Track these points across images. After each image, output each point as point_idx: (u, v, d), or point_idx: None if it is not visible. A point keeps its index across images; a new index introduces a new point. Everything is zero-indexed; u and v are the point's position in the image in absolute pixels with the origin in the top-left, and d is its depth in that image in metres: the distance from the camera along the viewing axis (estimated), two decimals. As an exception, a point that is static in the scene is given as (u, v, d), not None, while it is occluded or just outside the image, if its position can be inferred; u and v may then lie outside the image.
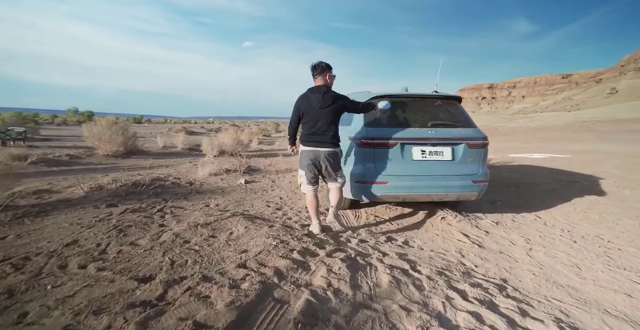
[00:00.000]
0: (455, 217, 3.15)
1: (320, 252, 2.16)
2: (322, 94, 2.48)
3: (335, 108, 2.50)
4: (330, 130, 2.51)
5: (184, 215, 3.13)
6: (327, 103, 2.47)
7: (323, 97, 2.48)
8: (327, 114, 2.48)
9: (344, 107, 2.56)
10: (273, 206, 3.75)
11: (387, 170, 2.84)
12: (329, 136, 2.51)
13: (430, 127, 2.88)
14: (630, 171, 6.61)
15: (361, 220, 3.25)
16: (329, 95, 2.50)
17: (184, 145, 10.80)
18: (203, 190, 4.56)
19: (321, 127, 2.50)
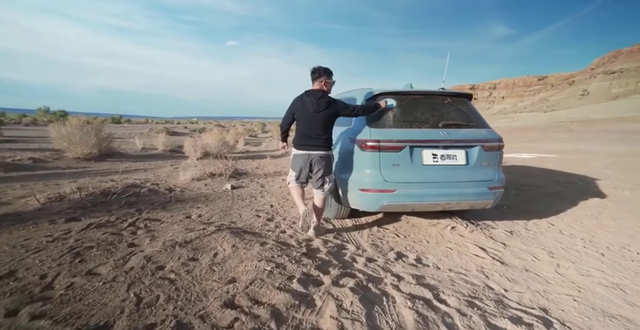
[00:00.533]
0: (466, 226, 2.87)
1: (324, 279, 1.81)
2: (317, 99, 2.50)
3: (328, 113, 2.51)
4: (323, 135, 2.54)
5: (160, 231, 2.69)
6: (321, 108, 2.49)
7: (317, 102, 2.50)
8: (321, 118, 2.51)
9: (337, 113, 2.56)
10: (264, 216, 3.36)
11: (395, 177, 2.52)
12: (322, 140, 2.54)
13: (441, 128, 2.58)
14: (620, 171, 6.63)
15: (363, 232, 2.92)
16: (324, 100, 2.51)
17: (164, 146, 10.16)
18: (184, 198, 4.10)
19: (314, 131, 2.53)
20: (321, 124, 2.51)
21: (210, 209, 3.60)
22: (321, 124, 2.51)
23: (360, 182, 2.63)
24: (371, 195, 2.56)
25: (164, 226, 2.86)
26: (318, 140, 2.53)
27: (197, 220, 3.14)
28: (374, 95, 2.82)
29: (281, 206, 3.86)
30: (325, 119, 2.51)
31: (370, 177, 2.57)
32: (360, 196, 2.63)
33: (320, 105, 2.49)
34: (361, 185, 2.62)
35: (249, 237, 2.53)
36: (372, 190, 2.55)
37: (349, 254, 2.32)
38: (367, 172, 2.59)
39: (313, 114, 2.50)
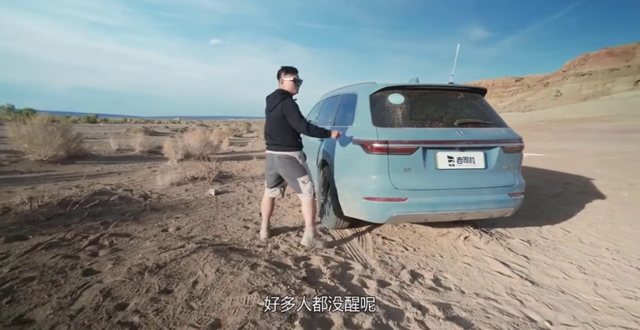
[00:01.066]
0: (480, 236, 2.59)
1: (334, 318, 1.44)
2: (272, 98, 2.46)
3: (276, 113, 2.40)
4: (279, 134, 2.44)
5: (128, 250, 2.24)
6: (270, 107, 2.45)
7: (270, 101, 2.47)
8: (272, 117, 2.44)
9: (282, 114, 2.38)
10: (253, 228, 2.96)
11: (406, 183, 2.19)
12: (279, 139, 2.45)
13: (457, 127, 2.28)
14: (610, 170, 6.64)
15: (367, 245, 2.58)
16: (275, 98, 2.43)
17: (142, 147, 9.47)
18: (161, 207, 3.62)
19: (271, 130, 2.48)
20: (274, 124, 2.44)
21: (190, 220, 3.15)
22: (274, 124, 2.44)
23: (364, 189, 2.29)
24: (378, 204, 2.22)
25: (133, 243, 2.40)
26: (275, 139, 2.47)
27: (175, 234, 2.69)
28: (379, 90, 2.48)
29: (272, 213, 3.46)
30: (276, 118, 2.42)
31: (377, 183, 2.23)
32: (365, 206, 2.29)
33: (271, 104, 2.45)
34: (366, 193, 2.28)
35: (237, 256, 2.13)
36: (380, 198, 2.21)
37: (356, 275, 1.97)
38: (373, 178, 2.25)
39: (268, 113, 2.49)
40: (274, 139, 2.47)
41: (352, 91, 2.93)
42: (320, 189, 3.25)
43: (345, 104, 3.13)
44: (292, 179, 2.46)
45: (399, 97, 2.43)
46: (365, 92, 2.60)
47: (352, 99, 2.84)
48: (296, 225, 3.08)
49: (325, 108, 3.85)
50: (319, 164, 3.23)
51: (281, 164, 2.45)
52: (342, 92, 3.29)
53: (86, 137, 13.34)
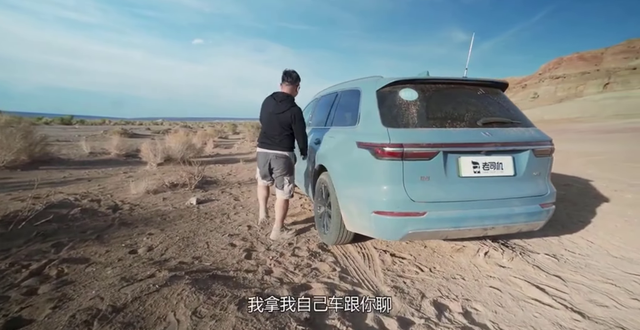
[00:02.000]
0: (501, 251, 2.28)
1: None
2: (279, 101, 2.56)
3: (284, 117, 2.55)
4: (279, 136, 2.59)
5: (79, 284, 1.77)
6: (278, 110, 2.55)
7: (278, 104, 2.56)
8: (278, 120, 2.55)
9: (291, 120, 2.55)
10: (240, 245, 2.53)
11: (424, 195, 1.84)
12: (278, 140, 2.59)
13: (482, 127, 1.95)
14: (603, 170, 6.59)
15: (375, 265, 2.21)
16: (284, 103, 2.55)
17: (119, 150, 8.76)
18: (133, 220, 3.13)
19: (272, 131, 2.60)
20: (277, 125, 2.57)
21: (166, 237, 2.69)
22: (277, 125, 2.57)
23: (374, 201, 1.92)
24: (391, 220, 1.86)
25: (90, 273, 1.93)
26: (274, 140, 2.60)
27: (145, 257, 2.23)
28: (387, 85, 2.13)
29: (261, 227, 3.05)
30: (282, 122, 2.55)
31: (389, 195, 1.87)
32: (374, 221, 1.93)
33: (279, 108, 2.55)
34: (376, 206, 1.91)
35: (220, 288, 1.71)
36: (393, 213, 1.85)
37: (370, 311, 1.59)
38: (384, 189, 1.89)
39: (272, 115, 2.57)
40: (274, 139, 2.60)
41: (354, 87, 2.56)
42: (317, 198, 2.86)
43: (345, 102, 2.76)
44: (280, 175, 2.68)
45: (412, 92, 2.09)
46: (371, 88, 2.24)
47: (354, 96, 2.48)
48: (291, 240, 2.68)
49: (320, 107, 3.47)
50: (315, 169, 2.84)
51: (276, 161, 2.65)
52: (340, 89, 2.93)
53: (56, 140, 12.45)
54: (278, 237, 2.70)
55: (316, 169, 2.85)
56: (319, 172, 2.86)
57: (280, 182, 2.70)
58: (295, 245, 2.58)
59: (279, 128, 2.56)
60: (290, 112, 2.52)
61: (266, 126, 2.62)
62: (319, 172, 2.88)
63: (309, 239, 2.73)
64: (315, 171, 2.89)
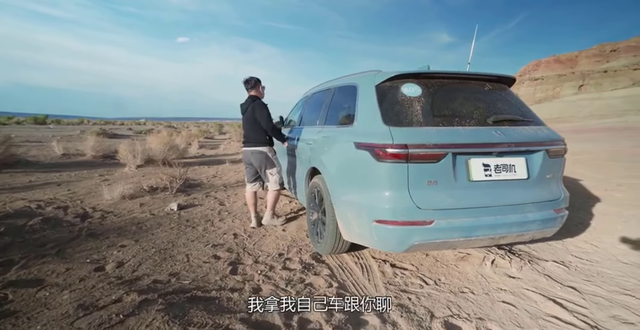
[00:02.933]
0: (508, 259, 2.12)
1: None
2: (245, 104, 2.87)
3: (249, 114, 2.83)
4: (251, 132, 2.86)
5: (23, 315, 1.47)
6: (244, 110, 2.88)
7: (243, 107, 2.88)
8: (246, 120, 2.87)
9: (252, 114, 2.82)
10: (225, 258, 2.27)
11: (431, 201, 1.65)
12: (251, 137, 2.86)
13: (492, 126, 1.78)
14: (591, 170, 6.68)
15: (375, 277, 2.01)
16: (248, 104, 2.85)
17: (95, 152, 8.23)
18: (104, 230, 2.80)
19: (246, 130, 2.90)
20: (248, 125, 2.86)
21: (141, 249, 2.40)
22: (248, 125, 2.86)
23: (375, 209, 1.72)
24: (395, 230, 1.66)
25: (40, 299, 1.63)
26: (249, 138, 2.87)
27: (113, 275, 1.94)
28: (387, 80, 1.93)
29: (250, 235, 2.79)
30: (249, 119, 2.84)
31: (392, 202, 1.67)
32: (376, 231, 1.72)
33: (244, 108, 2.87)
34: (377, 214, 1.71)
35: (200, 315, 1.46)
36: (397, 222, 1.65)
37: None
38: (386, 195, 1.69)
39: (243, 117, 2.90)
40: (248, 137, 2.88)
41: (350, 82, 2.35)
42: (309, 204, 2.64)
43: (339, 99, 2.55)
44: (262, 170, 2.91)
45: (415, 87, 1.89)
46: (369, 83, 2.04)
47: (350, 93, 2.27)
48: (281, 250, 2.44)
49: (311, 106, 3.24)
50: (308, 172, 2.61)
51: (254, 157, 2.87)
52: (334, 85, 2.71)
53: (26, 141, 11.66)
54: (269, 222, 3.02)
55: (308, 171, 2.62)
56: (312, 175, 2.63)
57: (266, 176, 2.93)
58: (286, 256, 2.34)
59: (249, 126, 2.85)
60: (251, 107, 2.80)
61: (243, 128, 2.94)
62: (311, 175, 2.65)
63: (300, 248, 2.50)
64: (308, 174, 2.66)
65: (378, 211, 1.71)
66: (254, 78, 2.89)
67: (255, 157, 2.87)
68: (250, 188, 3.03)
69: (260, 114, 2.79)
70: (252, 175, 3.00)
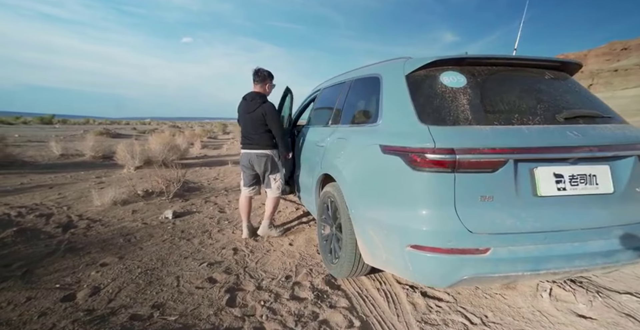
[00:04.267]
0: (572, 291, 1.71)
1: None
2: (250, 100, 2.56)
3: (255, 115, 2.52)
4: (256, 134, 2.56)
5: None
6: (250, 109, 2.54)
7: (249, 103, 2.56)
8: (251, 119, 2.54)
9: (263, 117, 2.51)
10: (221, 282, 1.90)
11: (487, 223, 1.26)
12: (256, 139, 2.56)
13: (564, 123, 1.38)
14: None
15: (404, 312, 1.62)
16: (255, 101, 2.54)
17: (94, 152, 7.95)
18: (85, 244, 2.46)
19: (249, 131, 2.58)
20: (252, 125, 2.55)
21: (124, 269, 2.04)
22: (252, 125, 2.55)
23: (409, 231, 1.33)
24: (437, 259, 1.27)
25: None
26: (252, 139, 2.58)
27: (84, 307, 1.58)
28: (421, 67, 1.54)
29: (252, 250, 2.43)
30: (256, 120, 2.53)
31: (433, 222, 1.28)
32: (411, 259, 1.34)
33: (251, 107, 2.54)
34: (413, 237, 1.32)
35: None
36: (440, 249, 1.26)
37: None
38: (424, 214, 1.30)
39: (245, 115, 2.57)
40: (251, 139, 2.57)
41: (371, 73, 1.97)
42: (320, 215, 2.26)
43: (357, 93, 2.17)
44: (265, 175, 2.64)
45: (458, 76, 1.50)
46: (398, 72, 1.66)
47: (372, 85, 1.89)
48: (288, 272, 2.07)
49: (323, 102, 2.87)
50: (319, 178, 2.24)
51: (257, 161, 2.58)
52: (350, 78, 2.33)
53: (28, 141, 11.47)
54: (265, 233, 2.71)
55: (320, 178, 2.24)
56: (324, 182, 2.26)
57: (267, 181, 2.66)
58: (294, 280, 1.97)
59: (253, 127, 2.55)
60: (262, 109, 2.50)
61: (243, 127, 2.63)
62: (323, 182, 2.28)
63: (311, 268, 2.13)
64: (319, 181, 2.28)
65: (414, 234, 1.33)
66: (265, 71, 2.57)
67: (259, 161, 2.57)
68: (247, 193, 2.73)
69: (273, 120, 2.52)
70: (250, 179, 2.70)
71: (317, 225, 2.35)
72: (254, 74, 2.56)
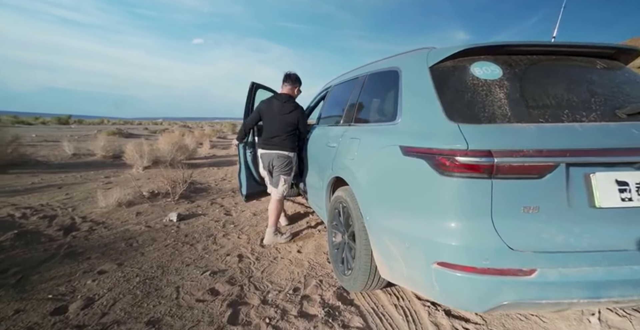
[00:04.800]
0: (626, 316, 1.48)
1: None
2: (284, 102, 2.57)
3: (290, 118, 2.56)
4: (283, 135, 2.56)
5: None
6: (284, 111, 2.55)
7: (283, 105, 2.56)
8: (283, 120, 2.55)
9: (297, 120, 2.60)
10: (224, 294, 1.75)
11: (531, 239, 1.06)
12: (280, 140, 2.57)
13: (628, 120, 1.16)
14: None
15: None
16: (289, 104, 2.58)
17: (105, 152, 8.01)
18: (86, 248, 2.36)
19: (276, 131, 2.57)
20: (283, 126, 2.56)
21: (122, 277, 1.92)
22: (283, 126, 2.56)
23: (436, 245, 1.15)
24: (470, 280, 1.08)
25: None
26: (278, 140, 2.57)
27: (74, 322, 1.46)
28: (447, 58, 1.35)
29: (258, 258, 2.27)
30: (288, 123, 2.56)
31: (465, 236, 1.09)
32: (437, 278, 1.15)
33: (285, 109, 2.56)
34: (440, 253, 1.14)
35: None
36: (475, 269, 1.07)
37: None
38: (453, 226, 1.11)
39: (277, 116, 2.55)
40: (276, 140, 2.56)
41: (389, 67, 1.78)
42: (331, 221, 2.09)
43: (372, 89, 1.99)
44: (278, 173, 2.60)
45: (493, 66, 1.30)
46: (420, 64, 1.46)
47: (389, 80, 1.71)
48: (296, 283, 1.91)
49: (333, 100, 2.70)
50: (330, 181, 2.07)
51: (277, 160, 2.57)
52: (363, 73, 2.14)
53: (44, 140, 11.72)
54: (272, 241, 2.56)
55: (331, 181, 2.07)
56: (335, 185, 2.08)
57: (276, 180, 2.61)
58: (303, 293, 1.80)
59: (284, 128, 2.55)
60: (297, 113, 2.58)
61: (268, 126, 2.58)
62: (334, 186, 2.11)
63: (321, 280, 1.96)
64: (330, 184, 2.11)
65: (441, 249, 1.14)
66: (296, 75, 2.67)
67: (279, 161, 2.57)
68: None
69: (305, 123, 2.65)
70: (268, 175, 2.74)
71: (328, 232, 2.18)
72: (287, 77, 2.63)
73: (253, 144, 3.00)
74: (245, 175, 2.97)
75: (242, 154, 2.93)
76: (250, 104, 2.91)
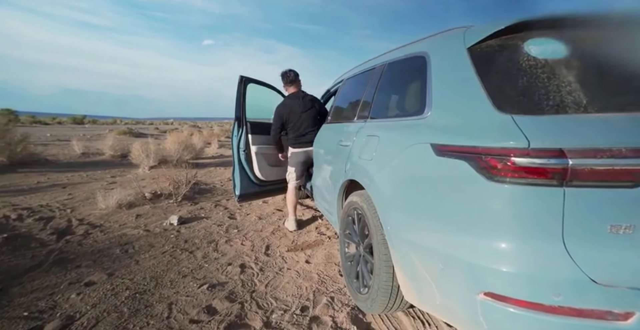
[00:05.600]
0: None
1: None
2: (301, 99, 2.62)
3: (315, 111, 2.65)
4: (313, 130, 2.61)
5: None
6: (307, 107, 2.62)
7: (303, 101, 2.61)
8: (309, 116, 2.61)
9: (321, 109, 2.73)
10: (222, 313, 1.53)
11: (623, 269, 0.78)
12: (313, 136, 2.60)
13: None
14: None
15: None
16: (307, 98, 2.65)
17: (113, 151, 7.98)
18: (77, 254, 2.18)
19: (309, 128, 2.60)
20: (311, 122, 2.61)
21: (109, 291, 1.71)
22: (311, 122, 2.61)
23: (484, 270, 0.89)
24: (537, 321, 0.81)
25: None
26: (309, 137, 2.60)
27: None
28: (491, 36, 1.08)
29: (262, 269, 2.04)
30: (314, 117, 2.63)
31: (527, 262, 0.83)
32: (485, 313, 0.88)
33: (307, 104, 2.61)
34: (490, 281, 0.87)
35: None
36: (541, 306, 0.81)
37: None
38: (508, 248, 0.85)
39: (302, 114, 2.59)
40: (309, 137, 2.61)
41: (413, 52, 1.52)
42: (344, 230, 1.84)
43: (392, 79, 1.73)
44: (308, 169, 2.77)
45: (554, 44, 1.03)
46: (456, 45, 1.20)
47: (414, 67, 1.45)
48: (304, 301, 1.66)
49: (346, 95, 2.44)
50: (343, 184, 1.82)
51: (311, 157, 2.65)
52: (381, 62, 1.88)
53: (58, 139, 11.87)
54: (293, 227, 2.75)
55: (343, 185, 1.82)
56: (348, 189, 1.84)
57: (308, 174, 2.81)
58: (312, 313, 1.56)
59: (314, 123, 2.63)
60: (318, 103, 2.71)
61: (300, 125, 2.61)
62: (347, 190, 1.86)
63: (332, 296, 1.71)
64: (342, 188, 1.86)
65: (491, 276, 0.88)
66: (292, 71, 2.68)
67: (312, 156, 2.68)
68: (297, 184, 2.81)
69: (326, 109, 2.76)
70: (302, 173, 2.80)
71: (340, 241, 1.93)
72: (295, 76, 2.66)
73: (247, 143, 2.80)
74: (240, 175, 2.76)
75: (237, 153, 2.73)
76: (241, 99, 2.72)
